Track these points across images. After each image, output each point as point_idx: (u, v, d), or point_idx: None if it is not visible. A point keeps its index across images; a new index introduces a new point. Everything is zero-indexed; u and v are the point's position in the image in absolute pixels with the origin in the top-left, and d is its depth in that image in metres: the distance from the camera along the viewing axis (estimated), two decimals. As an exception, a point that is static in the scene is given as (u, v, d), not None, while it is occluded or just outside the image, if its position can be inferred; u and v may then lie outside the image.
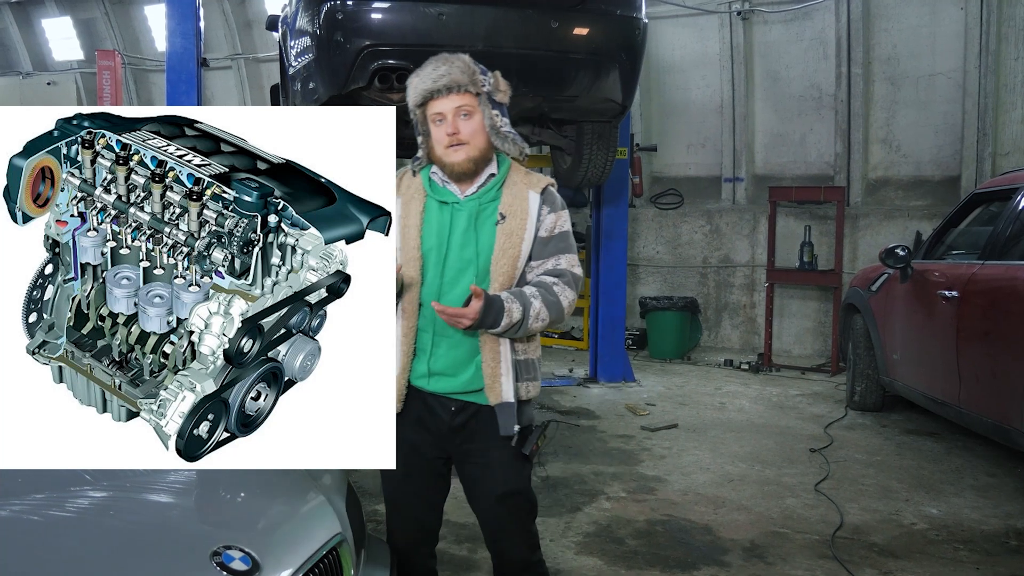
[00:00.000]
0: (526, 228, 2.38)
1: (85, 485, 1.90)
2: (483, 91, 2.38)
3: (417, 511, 2.55)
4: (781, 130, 9.60)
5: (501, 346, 2.37)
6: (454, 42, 4.49)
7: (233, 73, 12.76)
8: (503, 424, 2.38)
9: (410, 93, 2.41)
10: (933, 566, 3.78)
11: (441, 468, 2.54)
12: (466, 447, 2.46)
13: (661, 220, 10.10)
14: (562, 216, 2.45)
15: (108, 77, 10.46)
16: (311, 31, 4.68)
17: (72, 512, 1.79)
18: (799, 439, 5.87)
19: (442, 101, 2.35)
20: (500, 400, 2.38)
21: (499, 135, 2.41)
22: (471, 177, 2.41)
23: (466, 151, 2.36)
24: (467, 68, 2.37)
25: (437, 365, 2.41)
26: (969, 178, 8.37)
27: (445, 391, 2.42)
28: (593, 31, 4.71)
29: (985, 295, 4.85)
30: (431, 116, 2.39)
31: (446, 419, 2.44)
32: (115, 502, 1.87)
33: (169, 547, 1.69)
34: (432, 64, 2.38)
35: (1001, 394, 4.60)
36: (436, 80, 2.34)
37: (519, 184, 2.43)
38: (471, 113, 2.37)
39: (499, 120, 2.40)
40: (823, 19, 9.07)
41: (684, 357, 9.08)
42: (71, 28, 14.45)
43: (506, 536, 2.53)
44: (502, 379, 2.37)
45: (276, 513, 1.98)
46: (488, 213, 2.40)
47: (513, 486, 2.47)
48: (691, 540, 4.07)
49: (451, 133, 2.35)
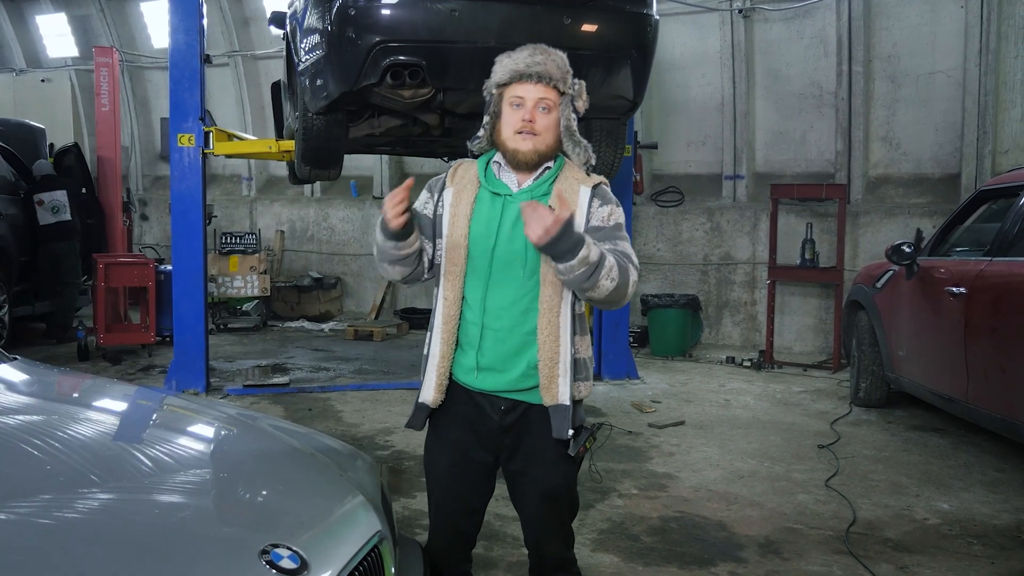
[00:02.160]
0: (576, 221, 2.35)
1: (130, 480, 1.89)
2: (569, 92, 2.37)
3: (458, 515, 2.54)
4: (782, 128, 9.62)
5: (561, 345, 2.34)
6: (467, 38, 4.50)
7: (231, 70, 12.70)
8: (556, 427, 2.35)
9: (497, 70, 2.39)
10: (948, 561, 3.79)
11: (488, 472, 2.51)
12: (514, 445, 2.45)
13: (662, 218, 10.11)
14: (616, 210, 2.42)
15: (106, 74, 10.36)
16: (322, 27, 4.66)
17: (116, 511, 1.77)
18: (806, 435, 5.89)
19: (527, 87, 2.33)
20: (556, 402, 2.35)
21: (572, 139, 2.40)
22: (531, 169, 2.39)
23: (534, 142, 2.34)
24: (563, 65, 2.36)
25: (485, 360, 2.38)
26: (969, 176, 8.42)
27: (494, 389, 2.40)
28: (605, 28, 4.70)
29: (993, 291, 4.88)
30: (510, 98, 2.36)
31: (496, 419, 2.42)
32: (159, 500, 1.86)
33: (218, 546, 1.68)
34: (529, 50, 2.36)
35: (1010, 389, 4.62)
36: (530, 65, 2.32)
37: (571, 179, 2.41)
38: (550, 109, 2.35)
39: (574, 124, 2.39)
40: (824, 17, 9.09)
41: (686, 354, 9.09)
42: (66, 24, 14.34)
43: (547, 534, 2.53)
44: (559, 380, 2.34)
45: (319, 512, 1.97)
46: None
47: (559, 485, 2.46)
48: (706, 536, 4.08)
49: (527, 120, 2.32)
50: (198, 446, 2.41)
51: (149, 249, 12.81)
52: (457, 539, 2.57)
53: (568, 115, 2.38)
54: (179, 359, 6.91)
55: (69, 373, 3.27)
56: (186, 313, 6.90)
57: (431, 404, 2.45)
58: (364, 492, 2.16)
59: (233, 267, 10.52)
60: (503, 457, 2.49)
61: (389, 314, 11.45)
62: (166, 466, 2.08)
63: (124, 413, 2.68)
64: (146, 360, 8.35)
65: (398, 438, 5.63)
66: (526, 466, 2.45)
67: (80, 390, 2.89)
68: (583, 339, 2.43)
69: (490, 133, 2.44)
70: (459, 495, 2.50)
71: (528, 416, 2.42)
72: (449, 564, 2.56)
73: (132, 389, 3.05)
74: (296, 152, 5.84)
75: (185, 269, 6.90)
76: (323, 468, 2.28)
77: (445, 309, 2.40)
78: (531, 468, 2.45)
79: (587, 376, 2.44)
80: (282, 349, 9.30)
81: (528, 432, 2.42)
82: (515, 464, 2.48)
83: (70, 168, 9.77)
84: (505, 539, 3.92)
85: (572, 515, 2.56)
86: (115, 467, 1.99)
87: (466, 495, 2.51)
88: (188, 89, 6.74)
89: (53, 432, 2.16)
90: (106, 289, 8.32)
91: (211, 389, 6.96)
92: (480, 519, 2.60)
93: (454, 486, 2.49)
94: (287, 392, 7.09)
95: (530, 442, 2.43)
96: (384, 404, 6.67)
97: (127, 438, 2.37)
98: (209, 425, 2.55)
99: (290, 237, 12.59)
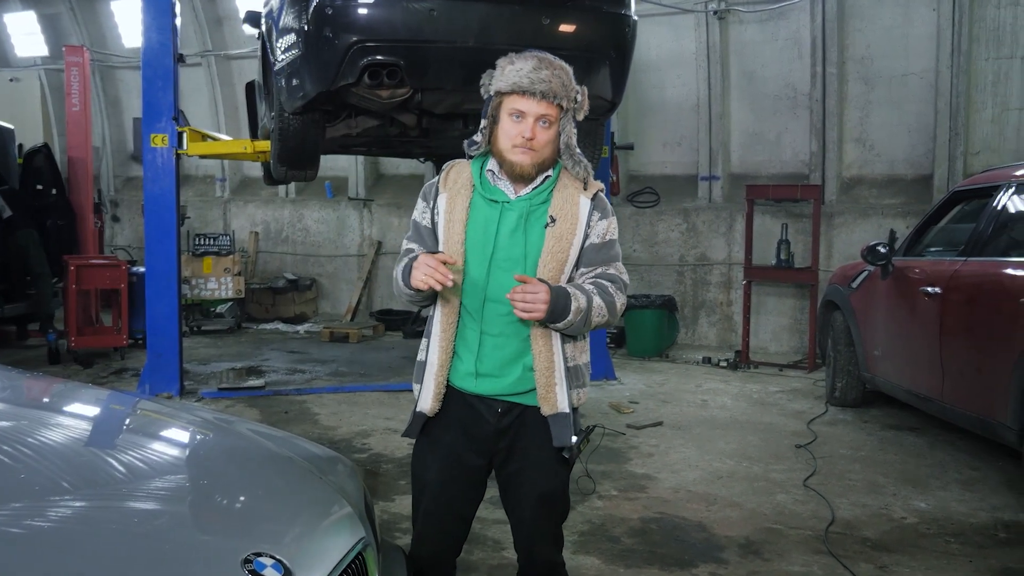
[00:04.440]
0: (576, 233, 2.34)
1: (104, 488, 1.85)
2: (571, 108, 2.33)
3: (447, 522, 2.49)
4: (757, 129, 9.67)
5: (555, 354, 2.33)
6: (445, 38, 4.48)
7: (204, 70, 12.56)
8: (557, 435, 2.34)
9: (498, 76, 2.32)
10: (927, 560, 3.82)
11: (480, 477, 2.48)
12: (510, 447, 2.42)
13: (638, 218, 10.12)
14: (612, 223, 2.42)
15: (76, 73, 10.18)
16: (298, 26, 4.61)
17: (91, 519, 1.73)
18: (783, 435, 5.92)
19: (529, 102, 2.27)
20: (556, 411, 2.34)
21: (572, 156, 2.37)
22: (527, 182, 2.37)
23: (532, 157, 2.31)
24: (568, 81, 2.30)
25: (484, 366, 2.36)
26: (941, 177, 8.50)
27: (491, 392, 2.38)
28: (584, 28, 4.70)
29: (968, 291, 4.92)
30: (509, 109, 2.30)
31: (492, 421, 2.40)
32: (136, 507, 1.81)
33: (199, 555, 1.64)
34: (535, 61, 2.28)
35: (985, 388, 4.66)
36: (535, 81, 2.25)
37: (570, 188, 2.39)
38: (551, 124, 2.31)
39: (574, 139, 2.37)
40: (798, 19, 9.14)
41: (662, 355, 9.11)
42: (35, 23, 14.14)
43: (541, 538, 2.50)
44: (556, 388, 2.33)
45: (301, 518, 1.92)
46: (538, 215, 2.35)
47: (554, 488, 2.45)
48: (687, 537, 4.07)
49: (528, 138, 2.28)
50: (174, 451, 2.36)
51: (121, 251, 12.63)
52: (446, 546, 2.54)
53: (569, 131, 2.35)
54: (152, 362, 6.81)
55: (39, 377, 3.20)
56: (159, 315, 6.81)
57: (428, 413, 2.42)
58: (346, 497, 2.12)
59: (207, 269, 10.40)
60: (497, 460, 2.46)
61: (365, 315, 11.37)
62: (141, 472, 2.03)
63: (96, 418, 2.61)
64: (119, 363, 8.23)
65: (375, 441, 5.59)
66: (522, 469, 2.43)
67: (51, 395, 2.83)
68: (577, 346, 2.41)
69: (487, 138, 2.40)
70: (450, 501, 2.46)
71: (524, 418, 2.40)
72: (435, 570, 2.52)
73: (104, 393, 2.99)
74: (272, 153, 5.78)
75: (158, 271, 6.81)
76: (304, 473, 2.24)
77: (444, 317, 2.38)
78: (527, 471, 2.42)
79: (584, 383, 2.44)
80: (257, 351, 9.21)
81: (523, 435, 2.40)
82: (510, 467, 2.45)
83: (40, 169, 9.61)
84: (486, 542, 3.90)
85: (563, 518, 2.55)
86: (88, 474, 1.94)
87: (457, 501, 2.47)
88: (161, 89, 6.65)
89: (23, 438, 2.09)
90: (78, 291, 8.19)
91: (185, 392, 6.88)
92: (469, 526, 2.57)
93: (445, 492, 2.45)
94: (263, 395, 7.01)
95: (526, 445, 2.41)
96: (361, 406, 6.61)
97: (100, 444, 2.31)
98: (184, 430, 2.49)
99: (264, 238, 12.48)
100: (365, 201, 11.73)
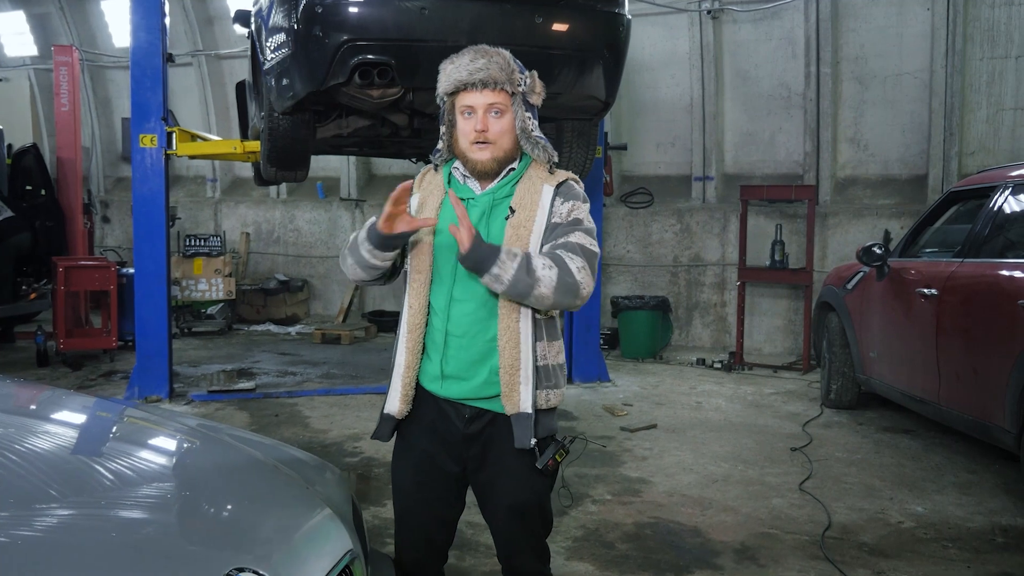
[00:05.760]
0: (535, 220, 2.29)
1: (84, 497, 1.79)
2: (518, 91, 2.30)
3: (428, 526, 2.44)
4: (750, 129, 9.64)
5: (522, 352, 2.27)
6: (436, 37, 4.41)
7: (194, 70, 12.47)
8: (518, 436, 2.27)
9: (441, 79, 2.32)
10: (925, 565, 3.77)
11: (456, 483, 2.43)
12: (480, 455, 2.36)
13: (631, 219, 10.08)
14: (578, 206, 2.34)
15: (66, 73, 10.11)
16: (288, 25, 4.54)
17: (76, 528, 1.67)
18: (778, 438, 5.87)
19: (474, 95, 2.27)
20: (517, 410, 2.27)
21: (529, 139, 2.34)
22: (493, 176, 2.35)
23: (491, 151, 2.29)
24: (506, 65, 2.28)
25: (449, 367, 2.32)
26: (936, 177, 8.47)
27: (458, 396, 2.33)
28: (577, 27, 4.64)
29: (965, 292, 4.88)
30: (460, 108, 2.30)
31: (460, 427, 2.34)
32: (119, 517, 1.75)
33: (181, 570, 1.58)
34: (470, 55, 2.29)
35: (982, 390, 4.62)
36: (472, 72, 2.25)
37: (535, 179, 2.35)
38: (503, 112, 2.29)
39: (530, 123, 2.32)
40: (792, 19, 9.12)
41: (656, 356, 9.07)
42: (24, 23, 14.02)
43: (518, 550, 2.44)
44: (520, 387, 2.27)
45: (287, 530, 1.87)
46: (501, 208, 2.33)
47: (526, 499, 2.36)
48: (681, 543, 4.02)
49: (480, 130, 2.26)
50: (159, 460, 2.30)
51: (111, 252, 12.54)
52: (428, 552, 2.47)
53: (523, 115, 2.31)
54: (142, 364, 6.74)
55: (25, 384, 3.14)
56: (149, 317, 6.74)
57: (396, 415, 2.38)
58: (333, 507, 2.07)
59: (197, 270, 10.32)
60: (470, 468, 2.40)
61: (357, 317, 11.31)
62: (127, 480, 1.98)
63: (83, 426, 2.56)
64: (108, 365, 8.15)
65: (367, 444, 5.53)
66: (493, 477, 2.37)
67: (37, 402, 2.77)
68: (551, 345, 2.34)
69: (448, 143, 2.38)
70: (428, 504, 2.41)
71: (494, 426, 2.34)
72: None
73: (91, 400, 2.92)
74: (262, 153, 5.70)
75: (148, 272, 6.75)
76: (290, 483, 2.18)
77: (410, 317, 2.35)
78: (498, 480, 2.36)
79: (556, 384, 2.35)
80: (248, 353, 9.13)
81: (494, 442, 2.34)
82: (482, 475, 2.39)
83: (29, 169, 9.52)
84: (477, 548, 3.84)
85: (546, 531, 2.47)
86: (74, 482, 1.89)
87: (435, 505, 2.42)
88: (150, 89, 6.59)
89: (9, 445, 2.05)
90: (66, 293, 8.11)
91: (175, 395, 6.81)
92: (452, 530, 2.52)
93: (421, 495, 2.40)
94: (253, 398, 6.94)
95: (497, 453, 2.34)
96: (353, 409, 6.55)
97: (86, 452, 2.26)
98: (171, 438, 2.43)
99: (256, 239, 12.40)
100: (357, 202, 11.66)
